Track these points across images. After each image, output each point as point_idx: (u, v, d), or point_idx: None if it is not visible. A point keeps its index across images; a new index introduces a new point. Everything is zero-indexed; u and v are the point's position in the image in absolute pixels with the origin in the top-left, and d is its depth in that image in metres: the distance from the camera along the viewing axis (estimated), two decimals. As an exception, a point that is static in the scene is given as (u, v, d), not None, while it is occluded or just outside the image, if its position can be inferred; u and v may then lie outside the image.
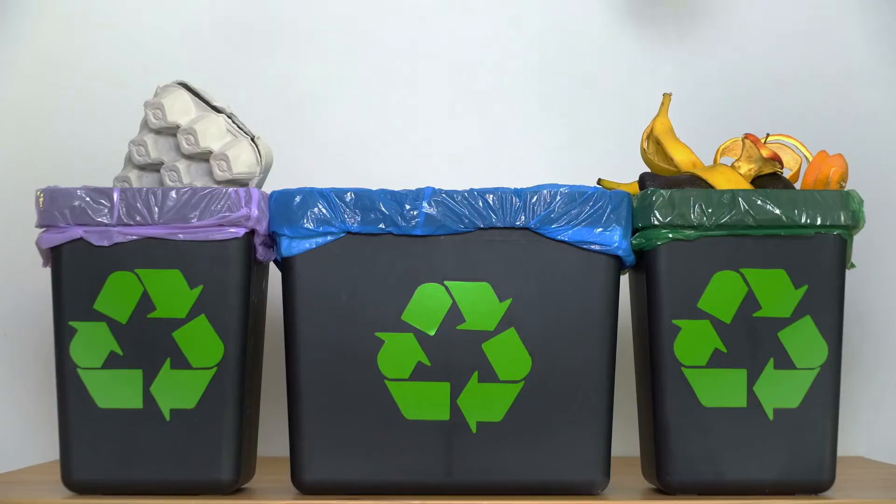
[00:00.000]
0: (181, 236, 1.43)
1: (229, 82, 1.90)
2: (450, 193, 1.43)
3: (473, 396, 1.43)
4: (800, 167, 1.57)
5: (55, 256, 1.44)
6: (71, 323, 1.43)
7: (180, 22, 1.98)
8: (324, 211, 1.43)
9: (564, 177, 1.63)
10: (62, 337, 1.44)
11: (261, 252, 1.46)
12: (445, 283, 1.43)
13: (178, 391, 1.43)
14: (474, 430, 1.43)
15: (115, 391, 1.43)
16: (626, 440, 1.66)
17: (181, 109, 1.52)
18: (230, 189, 1.43)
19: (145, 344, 1.43)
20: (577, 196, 1.43)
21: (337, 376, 1.43)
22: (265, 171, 1.54)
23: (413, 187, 1.44)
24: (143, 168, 1.55)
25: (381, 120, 1.97)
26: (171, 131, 1.52)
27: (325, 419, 1.42)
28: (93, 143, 1.92)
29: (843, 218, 1.43)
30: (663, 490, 1.45)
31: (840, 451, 1.48)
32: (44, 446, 1.86)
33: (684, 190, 1.44)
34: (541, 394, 1.43)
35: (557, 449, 1.42)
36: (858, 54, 1.97)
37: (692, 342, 1.43)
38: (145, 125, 1.54)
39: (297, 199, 1.43)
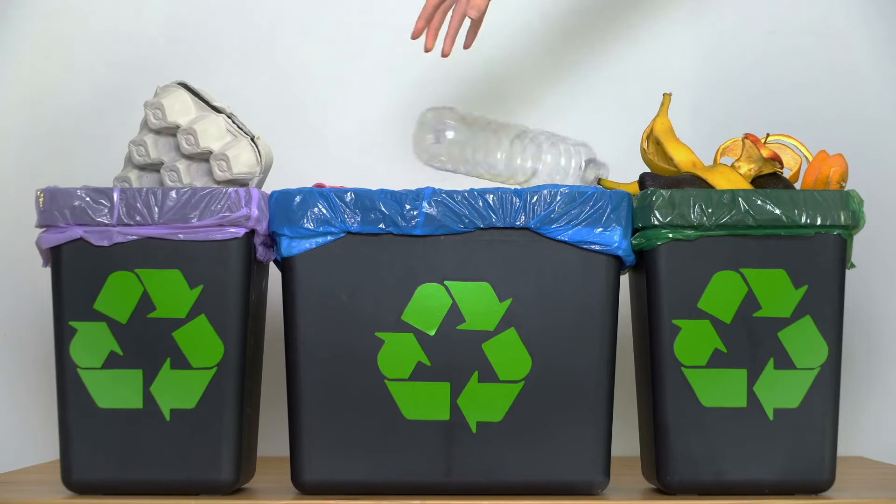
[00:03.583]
0: (181, 236, 1.43)
1: (229, 82, 1.90)
2: (450, 193, 1.43)
3: (473, 396, 1.43)
4: (800, 167, 1.57)
5: (55, 256, 1.44)
6: (71, 323, 1.43)
7: (181, 22, 1.98)
8: (324, 211, 1.43)
9: (564, 177, 1.63)
10: (62, 337, 1.44)
11: (261, 252, 1.46)
12: (445, 283, 1.43)
13: (178, 391, 1.43)
14: (474, 430, 1.43)
15: (115, 391, 1.43)
16: (626, 440, 1.66)
17: (181, 109, 1.52)
18: (230, 189, 1.43)
19: (145, 344, 1.43)
20: (577, 196, 1.43)
21: (337, 376, 1.43)
22: (265, 171, 1.54)
23: (413, 187, 1.44)
24: (143, 168, 1.55)
25: (382, 120, 1.97)
26: (171, 131, 1.52)
27: (325, 419, 1.43)
28: (93, 143, 1.93)
29: (843, 218, 1.43)
30: (663, 490, 1.45)
31: (840, 451, 1.48)
32: (44, 446, 1.86)
33: (684, 190, 1.44)
34: (541, 394, 1.43)
35: (557, 449, 1.42)
36: (858, 54, 1.97)
37: (692, 342, 1.43)
38: (145, 125, 1.54)
39: (297, 199, 1.43)
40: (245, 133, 1.52)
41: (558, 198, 1.42)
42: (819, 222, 1.43)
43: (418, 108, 1.97)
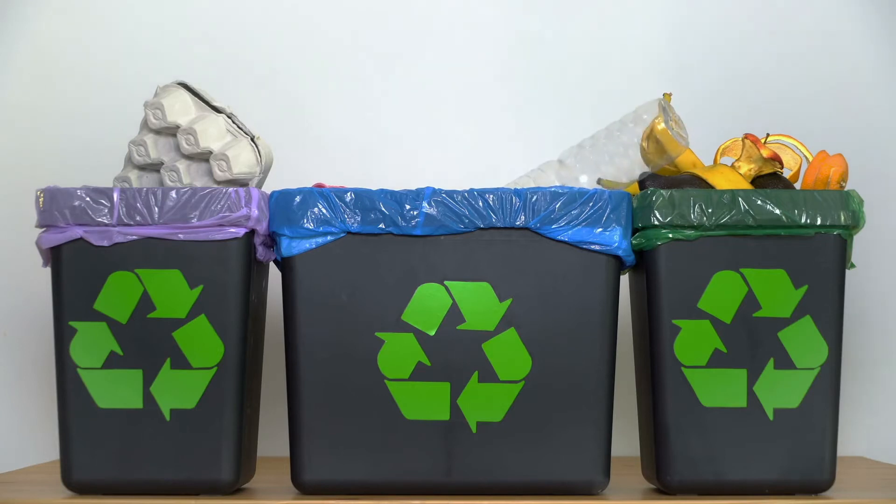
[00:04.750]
0: (181, 236, 1.43)
1: (229, 82, 1.90)
2: (450, 193, 1.43)
3: (473, 396, 1.43)
4: (800, 167, 1.57)
5: (55, 256, 1.44)
6: (71, 323, 1.43)
7: (180, 22, 1.98)
8: (324, 211, 1.43)
9: (564, 177, 1.63)
10: (62, 337, 1.44)
11: (261, 252, 1.46)
12: (445, 283, 1.43)
13: (178, 391, 1.43)
14: (474, 430, 1.43)
15: (115, 391, 1.43)
16: (626, 440, 1.66)
17: (181, 109, 1.52)
18: (230, 189, 1.43)
19: (145, 344, 1.43)
20: (577, 196, 1.43)
21: (337, 376, 1.43)
22: (265, 171, 1.54)
23: (413, 187, 1.44)
24: (143, 168, 1.55)
25: (381, 120, 1.97)
26: (171, 131, 1.52)
27: (325, 419, 1.43)
28: (93, 143, 1.92)
29: (843, 218, 1.43)
30: (663, 490, 1.45)
31: (840, 451, 1.48)
32: (44, 446, 1.86)
33: (684, 190, 1.44)
34: (541, 394, 1.43)
35: (557, 449, 1.42)
36: (859, 55, 1.97)
37: (692, 342, 1.43)
38: (145, 125, 1.54)
39: (297, 199, 1.43)
40: (245, 133, 1.52)
41: (558, 198, 1.43)
42: (819, 222, 1.43)
43: (418, 107, 1.98)
